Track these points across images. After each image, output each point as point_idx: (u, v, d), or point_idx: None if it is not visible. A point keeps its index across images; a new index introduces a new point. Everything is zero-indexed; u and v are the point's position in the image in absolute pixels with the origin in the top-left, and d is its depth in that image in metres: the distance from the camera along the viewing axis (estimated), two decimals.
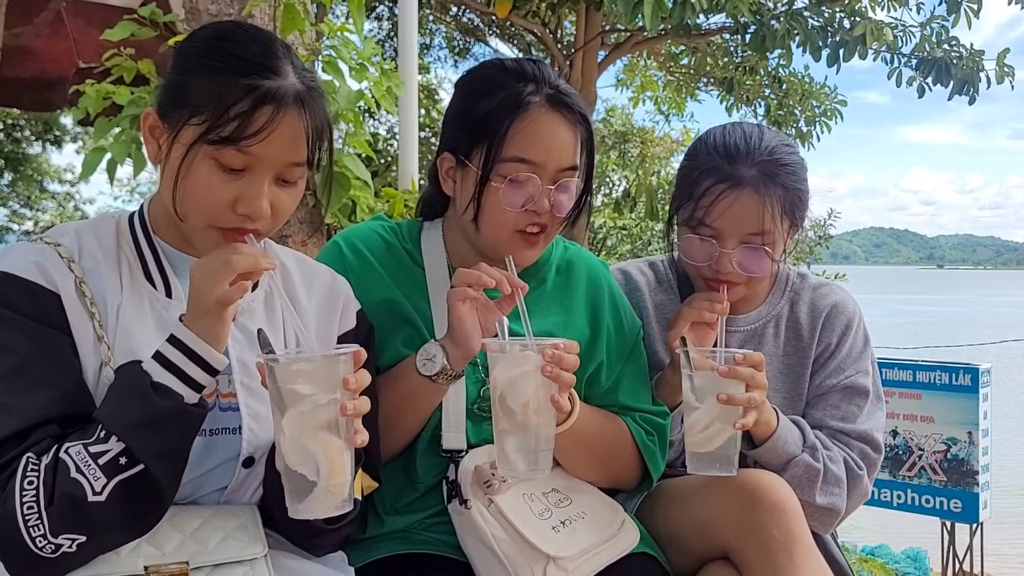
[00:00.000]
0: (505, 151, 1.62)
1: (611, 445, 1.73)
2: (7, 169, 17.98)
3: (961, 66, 7.52)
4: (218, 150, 1.29)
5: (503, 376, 1.44)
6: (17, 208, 20.54)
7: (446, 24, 11.21)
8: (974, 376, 3.87)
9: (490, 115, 1.63)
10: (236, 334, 1.41)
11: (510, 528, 1.55)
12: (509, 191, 1.62)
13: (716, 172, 1.79)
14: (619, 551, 1.64)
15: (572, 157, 1.67)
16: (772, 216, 1.78)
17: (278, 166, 1.33)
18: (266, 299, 1.49)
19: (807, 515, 1.75)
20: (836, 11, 7.34)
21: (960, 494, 3.89)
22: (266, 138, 1.29)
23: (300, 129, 1.33)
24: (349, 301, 1.57)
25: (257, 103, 1.29)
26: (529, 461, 1.44)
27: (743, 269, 1.79)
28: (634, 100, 12.15)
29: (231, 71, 1.30)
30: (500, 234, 1.66)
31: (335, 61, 3.36)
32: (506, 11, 6.73)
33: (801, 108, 9.55)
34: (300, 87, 1.34)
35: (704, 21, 8.24)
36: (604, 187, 12.40)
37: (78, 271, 1.34)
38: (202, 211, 1.33)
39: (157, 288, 1.41)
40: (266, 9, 3.42)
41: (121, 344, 1.33)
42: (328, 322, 1.54)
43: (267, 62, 1.33)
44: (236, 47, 1.34)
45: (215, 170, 1.31)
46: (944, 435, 3.94)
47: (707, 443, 1.60)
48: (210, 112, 1.29)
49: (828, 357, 1.93)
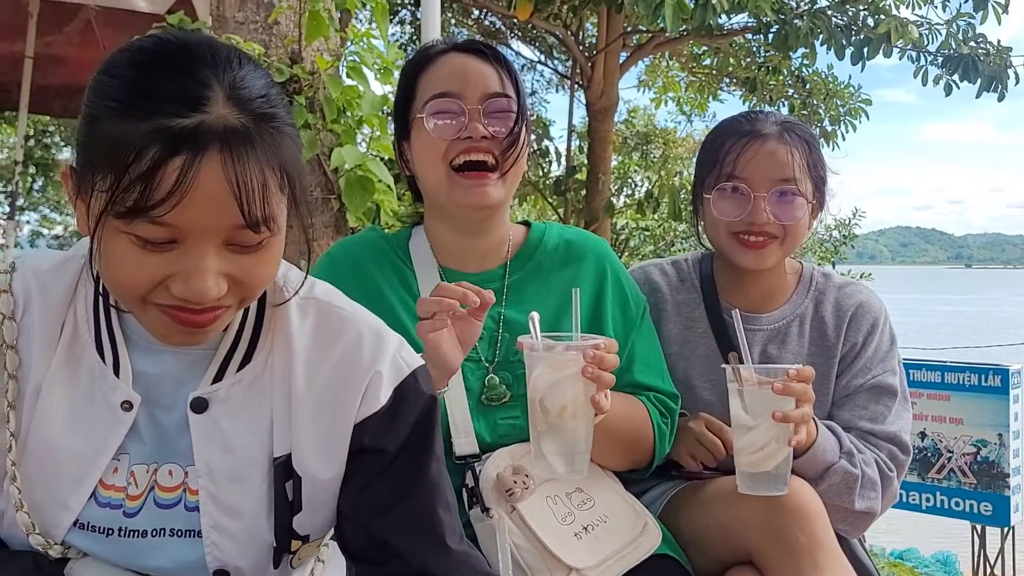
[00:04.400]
0: (422, 97, 1.66)
1: (638, 432, 1.72)
2: (37, 175, 18.22)
3: (988, 63, 7.43)
4: (128, 223, 0.95)
5: (545, 379, 1.41)
6: (47, 213, 20.83)
7: (468, 27, 11.22)
8: (1004, 377, 3.82)
9: (402, 88, 1.71)
10: (201, 429, 1.14)
11: (532, 537, 1.54)
12: (431, 121, 1.63)
13: (738, 132, 1.86)
14: (641, 554, 1.63)
15: (497, 84, 1.65)
16: (799, 166, 1.83)
17: (218, 233, 0.98)
18: (251, 384, 1.17)
19: (842, 520, 1.75)
20: (860, 9, 7.29)
21: (990, 497, 3.85)
22: (180, 202, 0.93)
23: (230, 181, 0.95)
24: (378, 378, 1.18)
25: (164, 155, 0.93)
26: (567, 463, 1.43)
27: (777, 217, 1.82)
28: (656, 101, 12.13)
29: (133, 113, 0.94)
30: (438, 173, 1.64)
31: (359, 67, 3.39)
32: (527, 14, 6.73)
33: (825, 107, 9.48)
34: (232, 120, 0.96)
35: (726, 21, 8.20)
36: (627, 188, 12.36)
37: (9, 334, 1.11)
38: (130, 294, 1.02)
39: (106, 362, 1.14)
40: (291, 16, 3.46)
41: (37, 430, 1.11)
42: (336, 414, 1.18)
43: (184, 93, 0.95)
44: (146, 76, 0.97)
45: (132, 247, 0.98)
46: (974, 437, 3.89)
47: (763, 463, 1.57)
48: (111, 173, 0.94)
49: (855, 357, 1.92)
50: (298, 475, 1.17)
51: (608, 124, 8.99)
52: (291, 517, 1.18)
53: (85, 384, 1.14)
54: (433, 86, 1.65)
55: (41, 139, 16.97)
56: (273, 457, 1.16)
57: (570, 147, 9.92)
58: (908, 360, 3.95)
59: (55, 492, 1.13)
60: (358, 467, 1.19)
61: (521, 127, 1.66)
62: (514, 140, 1.65)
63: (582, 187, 8.86)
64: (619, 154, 12.04)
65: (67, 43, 5.64)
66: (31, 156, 16.60)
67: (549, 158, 9.36)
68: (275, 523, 1.18)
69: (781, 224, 1.83)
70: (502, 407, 1.66)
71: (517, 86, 1.68)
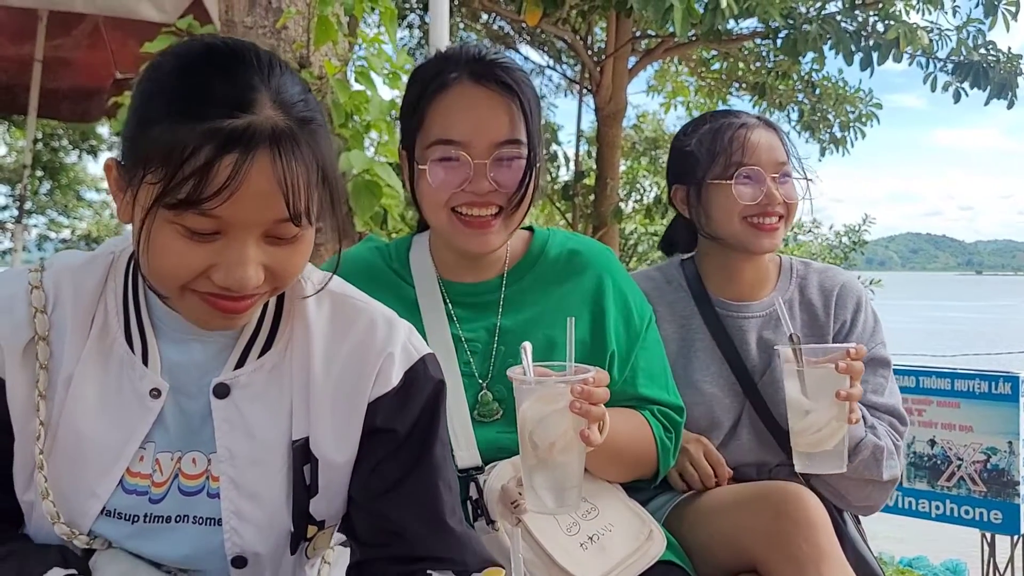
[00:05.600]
0: (428, 135, 1.59)
1: (641, 449, 1.71)
2: (45, 178, 18.29)
3: (999, 69, 7.41)
4: (178, 215, 1.04)
5: (534, 413, 1.37)
6: (55, 216, 20.89)
7: (477, 32, 11.23)
8: (1015, 384, 3.80)
9: (412, 103, 1.62)
10: (223, 415, 1.20)
11: (539, 549, 1.52)
12: (437, 172, 1.57)
13: (732, 124, 1.97)
14: (648, 561, 1.62)
15: (508, 130, 1.57)
16: (787, 151, 1.99)
17: (261, 225, 1.07)
18: (272, 371, 1.24)
19: (867, 496, 1.83)
20: (869, 15, 7.27)
21: (1000, 505, 3.82)
22: (230, 197, 1.02)
23: (278, 179, 1.04)
24: (391, 360, 1.25)
25: (217, 153, 1.01)
26: (557, 498, 1.39)
27: (785, 198, 1.95)
28: (665, 106, 12.10)
29: (187, 114, 1.03)
30: (439, 218, 1.62)
31: (367, 72, 3.39)
32: (536, 19, 6.73)
33: (835, 113, 9.46)
34: (279, 122, 1.05)
35: (735, 26, 8.19)
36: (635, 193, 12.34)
37: (41, 327, 1.17)
38: (171, 282, 1.10)
39: (135, 351, 1.20)
40: (300, 21, 3.46)
41: (69, 419, 1.17)
42: (351, 397, 1.24)
43: (234, 96, 1.04)
44: (197, 80, 1.06)
45: (179, 237, 1.06)
46: (983, 444, 3.87)
47: (824, 442, 1.62)
48: (164, 169, 1.02)
49: (847, 334, 1.99)
50: (315, 458, 1.23)
51: (617, 129, 8.98)
52: (308, 501, 1.23)
53: (115, 374, 1.19)
54: (441, 125, 1.57)
55: (49, 143, 17.03)
56: (292, 440, 1.22)
57: (578, 152, 9.92)
58: (918, 367, 3.93)
59: (84, 480, 1.18)
60: (369, 449, 1.25)
61: (530, 178, 1.59)
62: (522, 192, 1.60)
63: (590, 192, 8.86)
64: (628, 159, 12.03)
65: (76, 47, 5.67)
66: (39, 160, 16.67)
67: (557, 163, 9.37)
68: (293, 507, 1.23)
69: (787, 204, 1.96)
70: (494, 423, 1.65)
71: (532, 122, 1.60)
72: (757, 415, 1.95)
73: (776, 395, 1.93)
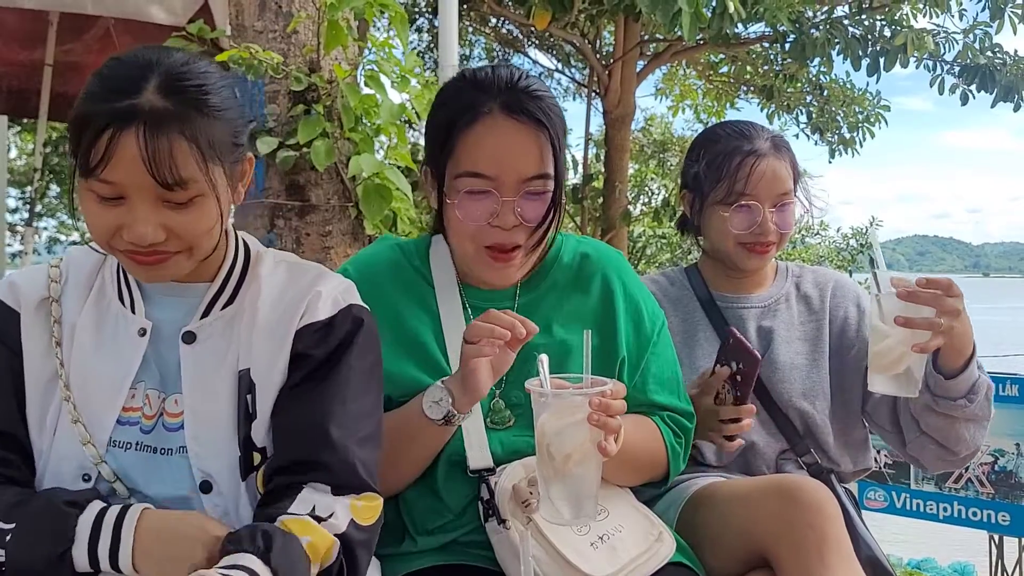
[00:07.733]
0: (458, 166, 1.59)
1: (651, 456, 1.73)
2: (55, 181, 18.34)
3: (1005, 72, 7.41)
4: (87, 182, 1.26)
5: (551, 426, 1.39)
6: (65, 219, 20.96)
7: (486, 35, 11.27)
8: (1022, 387, 3.79)
9: (442, 128, 1.61)
10: (191, 360, 1.40)
11: (550, 548, 1.53)
12: (466, 205, 1.58)
13: (741, 150, 2.05)
14: (658, 562, 1.63)
15: (537, 165, 1.59)
16: (791, 178, 2.08)
17: (148, 189, 1.26)
18: (231, 319, 1.43)
19: (975, 436, 1.91)
20: (876, 19, 7.27)
21: (1008, 507, 3.82)
22: (108, 164, 1.23)
23: (140, 150, 1.23)
24: (318, 296, 1.43)
25: (103, 128, 1.22)
26: (574, 509, 1.41)
27: (780, 227, 2.06)
28: (673, 109, 12.11)
29: (93, 97, 1.26)
30: (466, 249, 1.64)
31: (377, 75, 3.41)
32: (545, 23, 6.74)
33: (844, 114, 9.46)
34: (156, 104, 1.24)
35: (743, 30, 8.20)
36: (644, 196, 12.37)
37: (55, 291, 1.42)
38: (99, 240, 1.33)
39: (125, 306, 1.43)
40: (310, 25, 3.49)
41: (76, 362, 1.39)
42: (283, 325, 1.41)
43: (126, 83, 1.25)
44: (107, 71, 1.29)
45: (94, 201, 1.28)
46: (991, 447, 3.86)
47: (895, 365, 1.76)
48: (74, 142, 1.26)
49: (858, 328, 2.10)
50: (254, 383, 1.39)
51: (625, 132, 8.99)
52: (250, 426, 1.38)
53: (111, 325, 1.42)
54: (471, 158, 1.58)
55: (59, 146, 17.10)
56: (238, 371, 1.40)
57: (587, 155, 9.94)
58: None
59: (92, 414, 1.38)
60: (290, 373, 1.41)
61: (555, 214, 1.63)
62: (546, 226, 1.62)
63: (599, 195, 8.86)
64: (636, 162, 12.05)
65: (86, 51, 5.69)
66: (49, 163, 16.74)
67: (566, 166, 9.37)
68: (239, 433, 1.38)
69: (780, 233, 2.08)
70: (506, 430, 1.66)
71: (560, 154, 1.62)
72: (759, 401, 1.99)
73: (779, 384, 2.03)
